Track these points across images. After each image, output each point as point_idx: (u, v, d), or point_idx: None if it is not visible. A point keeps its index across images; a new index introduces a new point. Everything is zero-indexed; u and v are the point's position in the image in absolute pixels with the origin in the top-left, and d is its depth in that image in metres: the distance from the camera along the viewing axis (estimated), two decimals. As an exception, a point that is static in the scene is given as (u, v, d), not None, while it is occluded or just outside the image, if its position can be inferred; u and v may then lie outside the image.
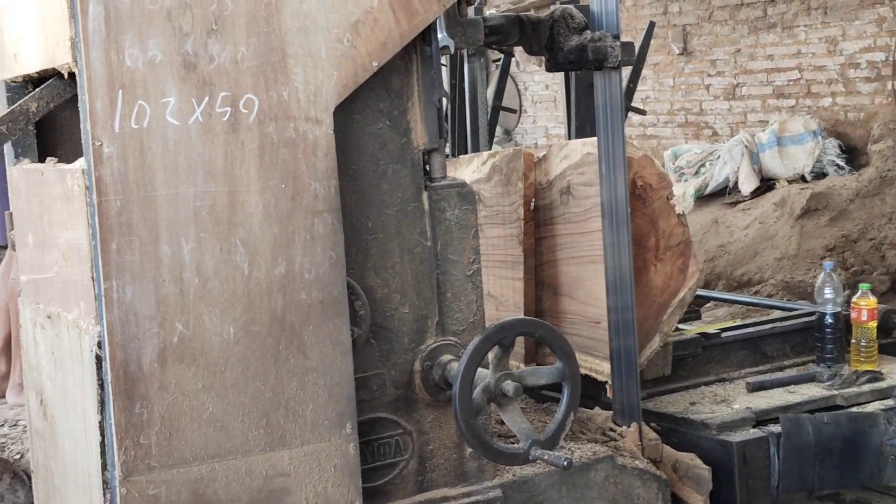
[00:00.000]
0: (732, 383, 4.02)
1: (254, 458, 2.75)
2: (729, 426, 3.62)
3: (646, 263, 3.65)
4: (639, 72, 6.10)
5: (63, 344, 2.93)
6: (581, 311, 3.72)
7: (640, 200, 3.61)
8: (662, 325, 3.67)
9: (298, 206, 2.75)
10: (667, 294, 3.67)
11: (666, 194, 3.63)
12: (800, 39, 9.94)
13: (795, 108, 9.95)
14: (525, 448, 2.91)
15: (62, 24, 2.66)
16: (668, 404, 3.82)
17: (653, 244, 3.65)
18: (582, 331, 3.71)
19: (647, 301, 3.65)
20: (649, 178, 3.62)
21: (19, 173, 3.21)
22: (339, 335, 2.82)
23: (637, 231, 3.58)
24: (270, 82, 2.71)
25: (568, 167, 3.71)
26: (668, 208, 3.63)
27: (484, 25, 3.31)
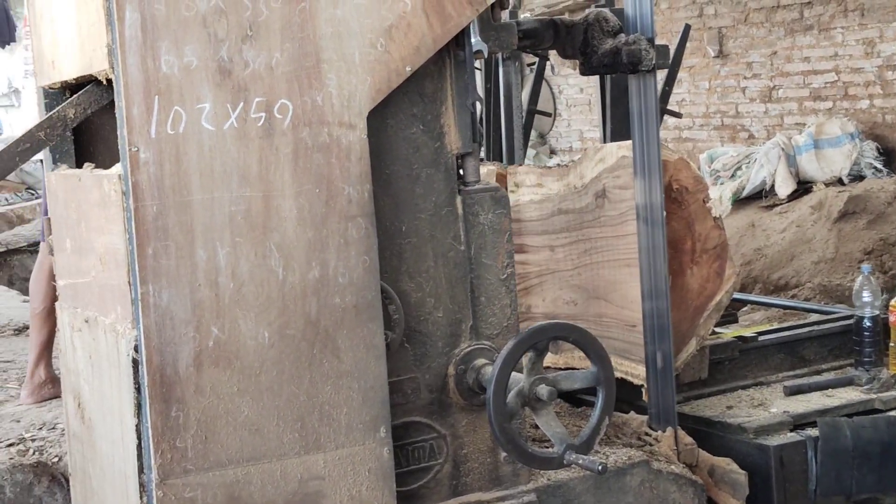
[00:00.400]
0: (769, 387, 4.00)
1: (289, 461, 2.76)
2: (766, 430, 3.60)
3: (682, 267, 3.63)
4: (674, 75, 6.06)
5: (100, 348, 2.95)
6: (617, 314, 3.70)
7: (676, 204, 3.59)
8: (699, 328, 3.66)
9: (332, 211, 2.76)
10: (703, 297, 3.66)
11: (702, 197, 3.61)
12: (837, 41, 9.87)
13: (832, 111, 9.88)
14: (559, 452, 2.91)
15: (99, 31, 2.69)
16: (704, 408, 3.80)
17: (689, 247, 3.64)
18: (618, 334, 3.69)
19: (684, 305, 3.64)
20: (685, 181, 3.60)
21: (57, 179, 3.24)
22: (373, 339, 2.83)
23: (673, 234, 3.57)
24: (304, 87, 2.72)
25: (603, 170, 3.69)
26: (704, 211, 3.61)
27: (517, 29, 3.30)
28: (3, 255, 10.49)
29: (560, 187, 3.90)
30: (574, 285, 3.91)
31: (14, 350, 5.92)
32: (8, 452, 3.89)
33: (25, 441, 4.03)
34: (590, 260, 3.79)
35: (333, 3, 2.74)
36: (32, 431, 4.15)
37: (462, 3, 2.89)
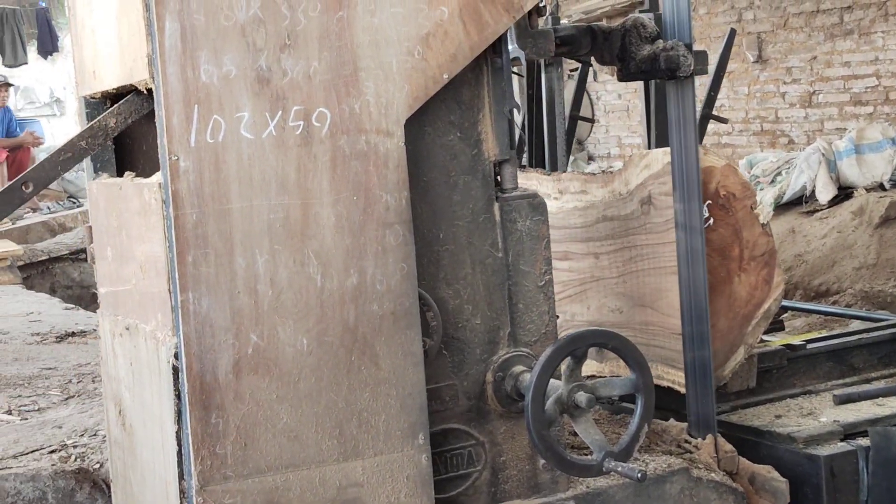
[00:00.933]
0: (818, 396, 3.92)
1: (327, 468, 2.77)
2: (816, 440, 3.54)
3: (729, 274, 3.60)
4: (720, 80, 6.01)
5: (141, 355, 2.97)
6: (663, 322, 3.67)
7: (724, 210, 3.56)
8: (747, 336, 3.62)
9: (370, 218, 2.77)
10: (751, 305, 3.61)
11: (749, 203, 3.57)
12: (877, 46, 9.80)
13: (873, 116, 9.81)
14: (599, 460, 2.90)
15: (139, 42, 2.71)
16: (752, 417, 3.75)
17: (736, 254, 3.60)
18: (664, 342, 3.66)
19: (731, 313, 3.60)
20: (732, 188, 3.57)
21: (98, 188, 3.27)
22: (411, 346, 2.83)
23: (720, 241, 3.54)
24: (342, 96, 2.74)
25: (649, 177, 3.65)
26: (751, 218, 3.57)
27: (555, 36, 3.30)
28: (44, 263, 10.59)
29: (604, 194, 3.86)
30: (619, 293, 3.88)
31: (56, 357, 5.98)
32: (50, 459, 3.93)
33: (67, 447, 4.06)
34: (635, 267, 3.75)
35: (371, 12, 2.75)
36: (74, 438, 4.18)
37: (499, 10, 2.90)
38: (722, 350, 3.51)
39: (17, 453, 4.02)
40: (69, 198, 13.50)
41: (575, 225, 3.96)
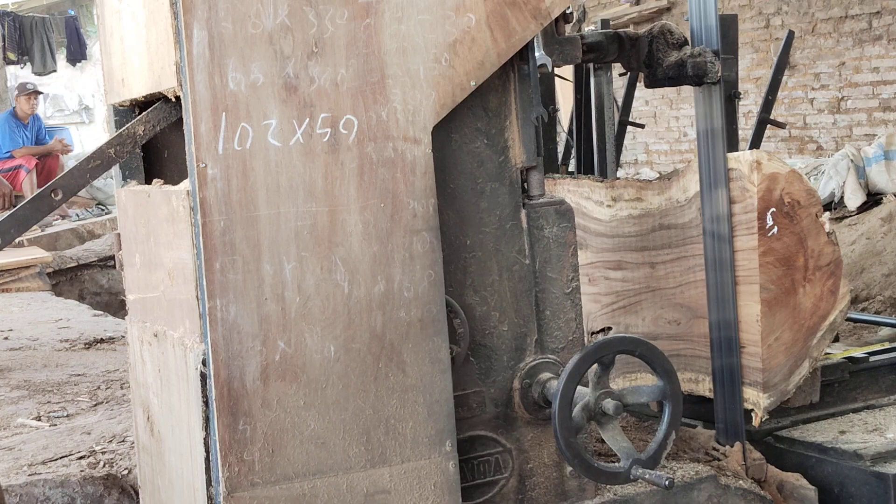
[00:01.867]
0: (883, 410, 3.79)
1: (354, 475, 2.77)
2: (884, 457, 3.40)
3: (794, 285, 3.49)
4: (777, 83, 5.90)
5: (169, 362, 2.99)
6: None
7: (788, 218, 3.45)
8: (812, 350, 3.52)
9: (397, 225, 2.77)
10: (816, 317, 3.53)
11: (815, 211, 3.48)
12: (907, 51, 9.74)
13: (903, 122, 9.74)
14: (626, 467, 2.89)
15: (167, 49, 2.73)
16: (815, 433, 3.62)
17: (801, 264, 3.49)
18: None
19: (796, 325, 3.48)
20: (797, 195, 3.45)
21: (127, 195, 3.28)
22: (439, 353, 2.84)
23: (785, 251, 3.45)
24: (370, 103, 2.74)
25: None
26: (817, 226, 3.48)
27: (582, 43, 3.30)
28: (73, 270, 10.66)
29: (661, 201, 3.74)
30: (677, 304, 3.76)
31: (85, 364, 6.01)
32: (79, 465, 3.95)
33: (96, 453, 4.08)
34: (694, 277, 3.64)
35: (398, 19, 2.76)
36: (103, 444, 4.20)
37: (526, 17, 2.90)
38: (786, 364, 3.44)
39: (47, 459, 4.05)
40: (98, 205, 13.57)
41: (629, 233, 3.88)
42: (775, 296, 3.41)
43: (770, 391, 3.43)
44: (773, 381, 3.43)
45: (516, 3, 2.88)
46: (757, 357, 3.42)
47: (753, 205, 3.37)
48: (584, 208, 3.99)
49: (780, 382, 3.45)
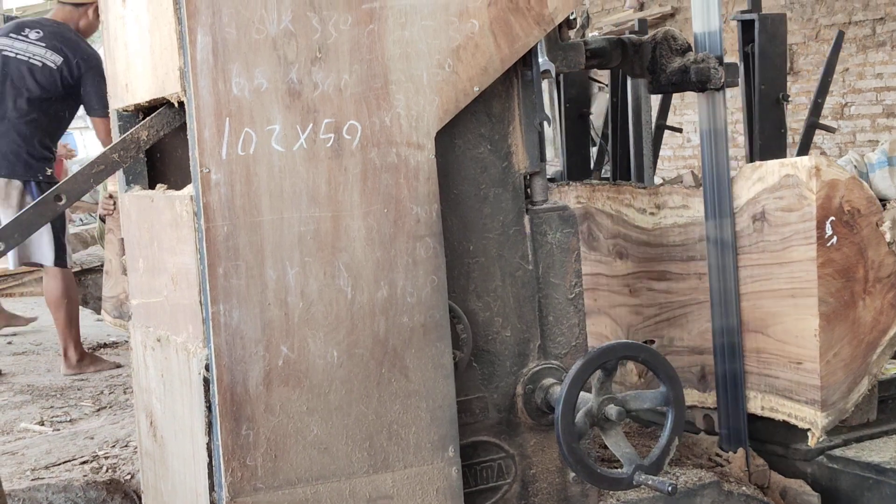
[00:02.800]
0: None
1: (357, 480, 2.77)
2: None
3: (853, 297, 3.32)
4: (827, 85, 5.79)
5: (172, 367, 2.99)
6: (778, 349, 3.38)
7: (848, 227, 3.28)
8: (871, 366, 3.37)
9: (400, 231, 2.77)
10: (876, 332, 3.37)
11: (875, 220, 3.33)
12: (910, 57, 9.74)
13: (906, 128, 9.74)
14: (629, 473, 2.89)
15: (171, 55, 2.73)
16: (871, 452, 3.47)
17: (861, 276, 3.33)
18: (780, 372, 3.38)
19: (855, 339, 3.34)
20: (857, 203, 3.29)
21: (130, 200, 3.29)
22: (441, 358, 2.84)
23: (844, 261, 3.29)
24: (373, 108, 2.74)
25: (762, 190, 3.36)
26: (877, 236, 3.33)
27: (585, 49, 3.30)
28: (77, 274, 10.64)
29: None
30: None
31: (88, 368, 6.00)
32: (82, 470, 3.95)
33: (99, 458, 4.08)
34: (746, 290, 3.46)
35: (401, 25, 2.76)
36: (106, 449, 4.20)
37: (529, 23, 2.90)
38: (844, 381, 3.30)
39: (50, 464, 4.05)
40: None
41: (674, 242, 3.71)
42: (834, 309, 3.27)
43: (828, 410, 3.29)
44: (832, 399, 3.30)
45: (520, 8, 2.88)
46: (814, 374, 3.27)
47: (812, 213, 3.22)
48: (626, 216, 3.88)
49: (839, 401, 3.32)
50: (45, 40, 5.68)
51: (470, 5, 2.83)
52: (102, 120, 5.41)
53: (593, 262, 4.04)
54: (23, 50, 5.62)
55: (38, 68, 5.59)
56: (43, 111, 5.59)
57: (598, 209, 4.00)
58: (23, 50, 5.62)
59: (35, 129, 5.58)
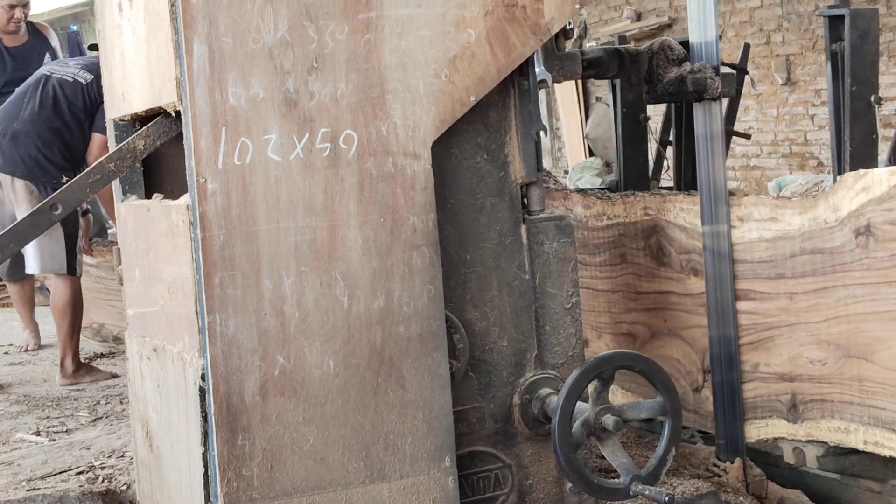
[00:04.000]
0: None
1: (353, 490, 2.77)
2: None
3: None
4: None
5: (168, 376, 2.98)
6: (886, 378, 3.07)
7: None
8: None
9: (397, 240, 2.77)
10: None
11: None
12: (907, 67, 9.75)
13: (904, 138, 9.73)
14: (626, 483, 2.88)
15: (168, 64, 2.73)
16: None
17: None
18: (887, 403, 3.07)
19: None
20: None
21: (127, 209, 3.28)
22: (438, 368, 2.83)
23: None
24: (370, 118, 2.74)
25: (868, 202, 3.05)
26: None
27: (582, 59, 3.31)
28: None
29: (804, 222, 3.24)
30: (823, 341, 3.24)
31: (85, 378, 5.99)
32: (78, 480, 3.94)
33: (95, 469, 4.07)
34: (847, 311, 3.14)
35: (398, 35, 2.76)
36: (102, 459, 4.19)
37: (526, 33, 2.90)
38: None
39: (45, 474, 4.03)
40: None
41: (760, 259, 3.39)
42: None
43: None
44: None
45: (516, 19, 2.88)
46: None
47: None
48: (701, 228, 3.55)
49: None
50: (83, 63, 5.87)
51: (466, 15, 2.83)
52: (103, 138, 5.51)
53: (663, 280, 3.73)
54: (60, 69, 5.85)
55: (68, 83, 5.72)
56: (65, 122, 5.68)
57: (669, 221, 3.66)
58: (60, 69, 5.85)
59: (55, 138, 5.67)
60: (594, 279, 4.04)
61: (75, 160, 5.71)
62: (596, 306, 4.05)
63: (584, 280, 4.00)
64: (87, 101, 5.68)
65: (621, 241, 3.89)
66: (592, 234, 3.99)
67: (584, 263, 3.99)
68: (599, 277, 4.02)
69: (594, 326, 4.08)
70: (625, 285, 3.91)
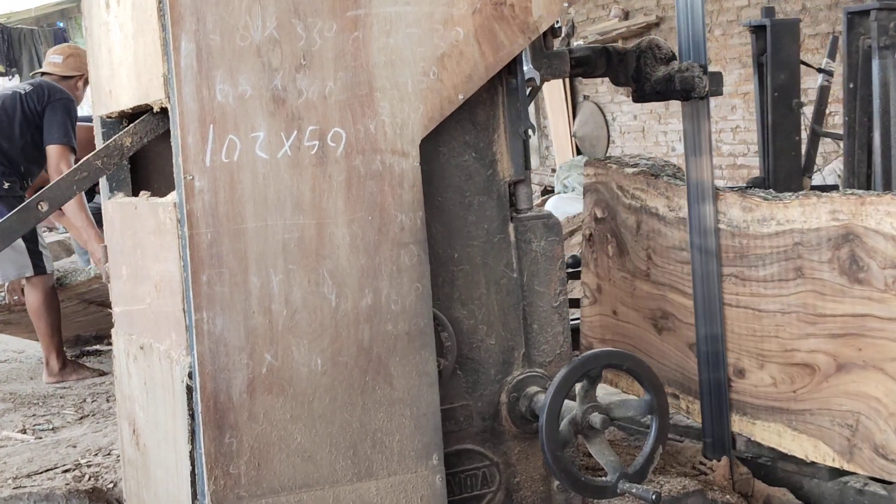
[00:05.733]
0: None
1: (341, 488, 2.76)
2: None
3: None
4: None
5: (155, 374, 2.98)
6: None
7: None
8: None
9: (385, 238, 2.77)
10: None
11: None
12: (894, 67, 9.77)
13: (890, 137, 9.76)
14: (613, 481, 2.89)
15: (155, 61, 2.72)
16: None
17: None
18: None
19: None
20: None
21: (114, 207, 3.28)
22: (426, 366, 2.83)
23: None
24: (358, 116, 2.74)
25: None
26: None
27: (570, 57, 3.31)
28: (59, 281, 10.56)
29: None
30: None
31: (71, 376, 5.98)
32: (64, 478, 3.93)
33: (81, 467, 4.07)
34: None
35: (386, 33, 2.76)
36: (88, 457, 4.19)
37: (514, 31, 2.90)
38: None
39: (32, 472, 4.03)
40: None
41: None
42: None
43: None
44: None
45: (504, 17, 2.88)
46: None
47: None
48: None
49: None
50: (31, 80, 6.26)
51: (455, 13, 2.83)
52: (58, 148, 5.75)
53: (858, 300, 3.04)
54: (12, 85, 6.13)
55: (8, 95, 5.99)
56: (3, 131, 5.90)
57: (869, 228, 2.99)
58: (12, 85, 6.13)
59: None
60: (756, 297, 3.32)
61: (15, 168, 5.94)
62: (758, 330, 3.32)
63: (742, 298, 3.35)
64: (27, 109, 5.92)
65: (797, 251, 3.18)
66: (754, 243, 3.30)
67: (742, 278, 3.34)
68: (764, 295, 3.30)
69: (755, 354, 3.34)
70: (801, 305, 3.19)
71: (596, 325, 4.04)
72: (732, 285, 3.39)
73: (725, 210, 3.40)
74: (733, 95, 11.34)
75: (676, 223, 3.57)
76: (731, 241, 3.38)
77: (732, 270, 3.39)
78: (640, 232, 3.76)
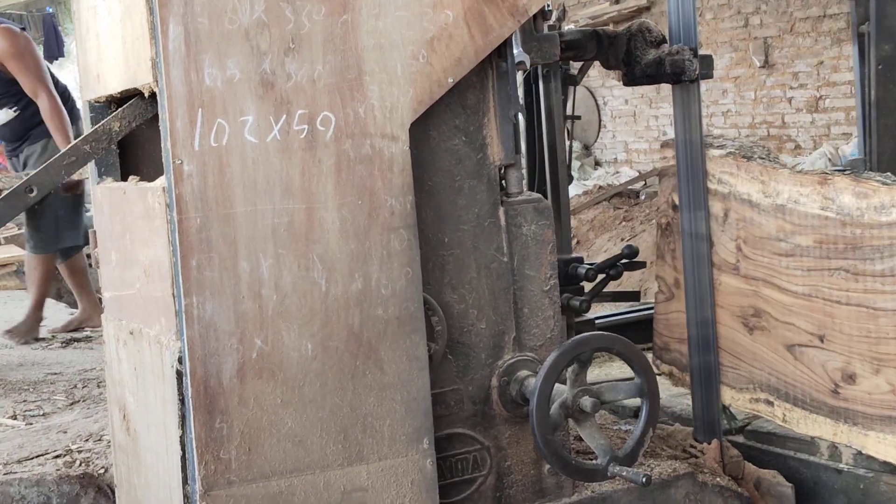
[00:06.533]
0: None
1: (332, 472, 2.77)
2: None
3: None
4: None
5: (145, 360, 2.97)
6: None
7: None
8: None
9: (375, 222, 2.77)
10: None
11: None
12: (884, 50, 9.79)
13: (880, 120, 9.78)
14: (603, 464, 2.89)
15: (143, 45, 2.71)
16: None
17: None
18: None
19: None
20: None
21: (102, 192, 3.27)
22: (416, 350, 2.83)
23: None
24: (347, 100, 2.73)
25: None
26: None
27: (560, 40, 3.30)
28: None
29: None
30: None
31: (62, 362, 5.98)
32: (55, 464, 3.92)
33: (72, 452, 4.06)
34: None
35: (375, 16, 2.75)
36: (79, 443, 4.18)
37: (504, 14, 2.89)
38: None
39: (22, 458, 4.02)
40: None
41: None
42: None
43: None
44: None
45: (494, 0, 2.87)
46: None
47: None
48: None
49: None
50: None
51: (444, -4, 2.82)
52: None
53: None
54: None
55: None
56: None
57: None
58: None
59: None
60: (870, 293, 3.01)
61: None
62: (873, 330, 3.01)
63: (854, 295, 3.04)
64: None
65: None
66: (870, 233, 2.99)
67: (854, 272, 3.04)
68: (881, 292, 2.97)
69: (870, 357, 3.03)
70: None
71: (673, 323, 3.71)
72: (842, 280, 3.05)
73: (834, 196, 3.07)
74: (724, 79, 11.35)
75: (773, 211, 3.26)
76: (842, 231, 3.06)
77: (842, 264, 3.06)
78: (727, 221, 3.42)
